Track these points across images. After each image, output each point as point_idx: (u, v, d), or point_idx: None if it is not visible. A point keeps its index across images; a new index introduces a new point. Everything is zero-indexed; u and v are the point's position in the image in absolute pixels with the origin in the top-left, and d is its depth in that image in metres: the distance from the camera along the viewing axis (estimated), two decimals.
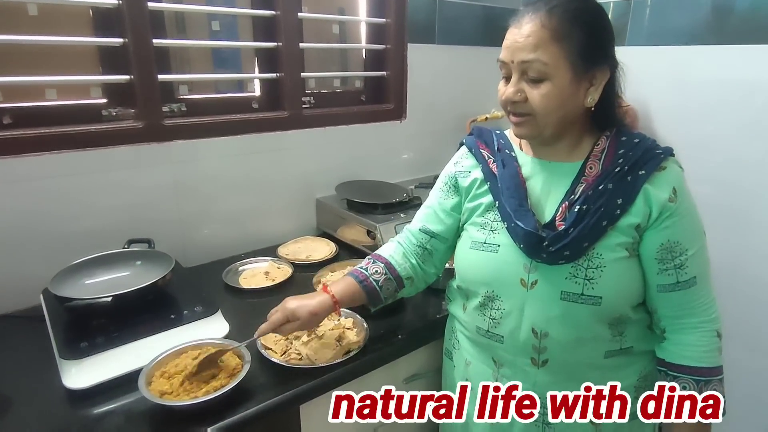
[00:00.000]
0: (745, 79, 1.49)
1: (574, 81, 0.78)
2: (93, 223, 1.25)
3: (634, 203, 0.80)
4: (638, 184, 0.80)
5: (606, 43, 0.81)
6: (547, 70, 0.77)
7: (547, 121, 0.81)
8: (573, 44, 0.76)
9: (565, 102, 0.80)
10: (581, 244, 0.80)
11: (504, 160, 0.91)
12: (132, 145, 1.27)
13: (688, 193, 0.82)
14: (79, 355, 0.91)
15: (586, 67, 0.78)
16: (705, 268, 0.84)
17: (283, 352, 1.00)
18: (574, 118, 0.83)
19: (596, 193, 0.81)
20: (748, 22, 1.47)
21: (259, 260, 1.44)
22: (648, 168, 0.80)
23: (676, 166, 0.83)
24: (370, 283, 0.99)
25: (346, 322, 1.08)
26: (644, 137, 0.85)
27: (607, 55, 0.80)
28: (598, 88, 0.81)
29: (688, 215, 0.81)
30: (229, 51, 1.61)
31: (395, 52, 1.75)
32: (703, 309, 0.83)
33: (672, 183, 0.80)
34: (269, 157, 1.54)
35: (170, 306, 1.07)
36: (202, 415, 0.83)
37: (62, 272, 1.07)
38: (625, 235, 0.81)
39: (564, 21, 0.76)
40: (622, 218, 0.80)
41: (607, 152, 0.84)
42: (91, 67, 1.30)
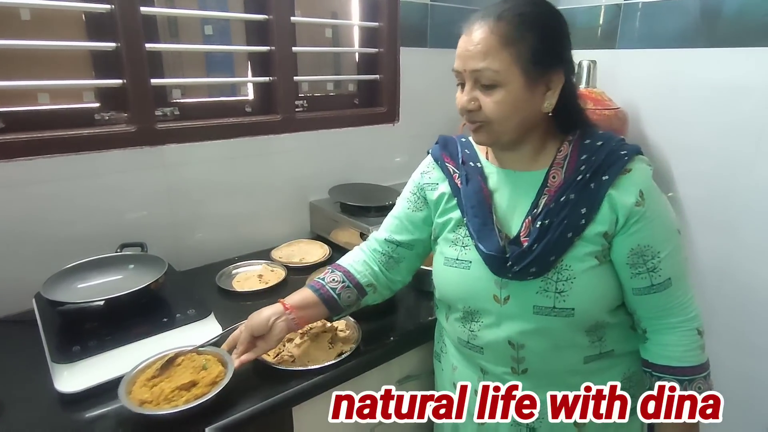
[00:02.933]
0: (734, 82, 1.51)
1: (527, 86, 0.77)
2: (85, 227, 1.25)
3: (599, 211, 0.78)
4: (602, 191, 0.78)
5: (559, 46, 0.79)
6: (499, 77, 0.76)
7: (504, 127, 0.80)
8: (523, 49, 0.75)
9: (519, 108, 0.78)
10: (547, 259, 0.79)
11: (468, 174, 0.90)
12: (125, 149, 1.27)
13: (657, 193, 0.80)
14: (72, 358, 0.91)
15: (539, 71, 0.77)
16: (680, 268, 0.82)
17: (275, 355, 1.00)
18: (533, 124, 0.82)
19: (558, 205, 0.79)
20: (735, 26, 1.49)
21: (253, 263, 1.45)
22: (611, 173, 0.78)
23: (643, 165, 0.81)
24: (327, 291, 0.96)
25: (339, 324, 1.09)
26: (609, 138, 0.83)
27: (561, 58, 0.79)
28: (555, 92, 0.79)
29: (657, 217, 0.79)
30: (222, 55, 1.62)
31: (388, 56, 1.76)
32: (681, 309, 0.82)
33: (638, 185, 0.78)
34: (262, 160, 1.54)
35: (163, 309, 1.07)
36: (185, 423, 0.82)
37: (54, 276, 1.07)
38: (593, 244, 0.79)
39: (513, 26, 0.75)
40: (588, 228, 0.79)
41: (569, 159, 0.82)
42: (84, 72, 1.31)
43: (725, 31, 1.51)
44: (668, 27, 1.63)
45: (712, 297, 1.62)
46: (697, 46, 1.57)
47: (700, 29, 1.56)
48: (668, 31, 1.63)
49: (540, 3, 0.79)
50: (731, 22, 1.50)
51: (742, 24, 1.47)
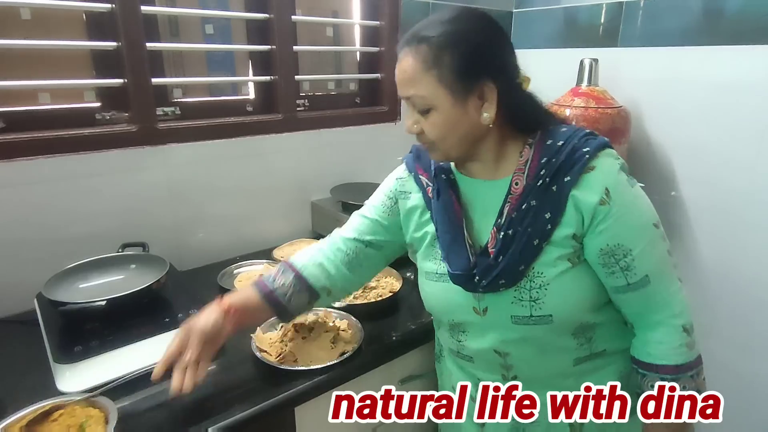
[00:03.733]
0: (736, 80, 1.50)
1: (457, 104, 0.76)
2: (87, 227, 1.25)
3: (565, 213, 0.76)
4: (565, 192, 0.76)
5: (481, 57, 0.76)
6: (427, 102, 0.76)
7: (446, 146, 0.80)
8: (445, 69, 0.74)
9: (455, 126, 0.77)
10: (516, 269, 0.78)
11: (439, 187, 0.88)
12: (126, 148, 1.27)
13: (624, 188, 0.77)
14: (74, 358, 0.91)
15: (465, 87, 0.75)
16: (659, 264, 0.78)
17: (277, 355, 1.00)
18: (479, 136, 0.80)
19: (520, 213, 0.78)
20: (738, 24, 1.48)
21: (255, 263, 1.44)
22: (573, 173, 0.76)
23: (608, 160, 0.77)
24: (275, 297, 0.92)
25: (341, 324, 1.09)
26: (571, 135, 0.79)
27: (486, 68, 0.76)
28: (491, 104, 0.76)
29: (626, 213, 0.76)
30: (223, 54, 1.62)
31: (389, 55, 1.76)
32: (663, 305, 0.79)
33: (603, 183, 0.75)
34: (264, 160, 1.54)
35: (165, 309, 1.07)
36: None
37: (56, 276, 1.07)
38: (563, 247, 0.78)
39: (431, 49, 0.74)
40: (555, 232, 0.77)
41: (531, 163, 0.79)
42: (85, 71, 1.31)
43: (728, 29, 1.51)
44: (670, 25, 1.63)
45: (713, 296, 1.61)
46: (699, 44, 1.57)
47: (702, 27, 1.56)
48: (670, 29, 1.63)
49: (461, 17, 0.78)
50: (734, 20, 1.49)
51: (744, 22, 1.47)
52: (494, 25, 0.79)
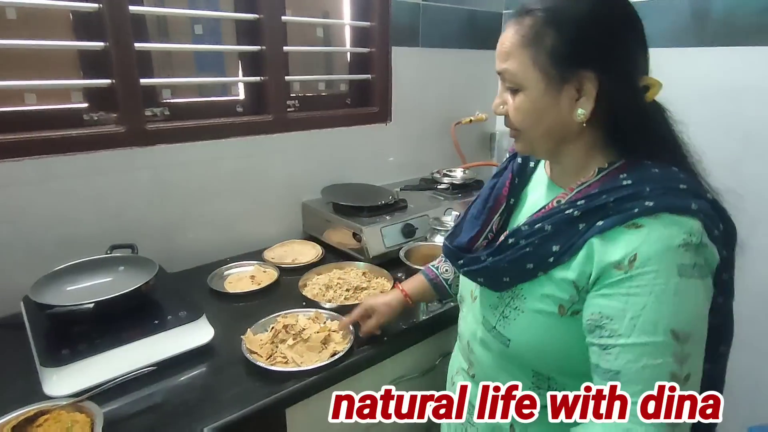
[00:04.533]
0: (723, 81, 1.52)
1: (549, 91, 0.67)
2: (75, 228, 1.24)
3: (575, 256, 0.66)
4: (586, 236, 0.65)
5: (588, 44, 0.65)
6: (518, 80, 0.68)
7: (532, 136, 0.72)
8: (542, 49, 0.66)
9: (542, 115, 0.69)
10: (499, 277, 0.73)
11: (507, 168, 0.85)
12: (114, 149, 1.26)
13: (668, 269, 0.60)
14: (61, 362, 0.90)
15: (562, 74, 0.66)
16: (644, 375, 0.61)
17: (268, 356, 1.00)
18: (567, 135, 0.70)
19: (530, 229, 0.70)
20: (724, 26, 1.50)
21: (245, 264, 1.44)
22: (609, 221, 0.63)
23: (671, 230, 0.61)
24: (440, 281, 1.05)
25: (332, 325, 1.08)
26: (653, 178, 0.65)
27: (591, 57, 0.65)
28: (588, 100, 0.66)
29: (644, 295, 0.60)
30: (213, 55, 1.61)
31: (380, 55, 1.76)
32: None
33: (637, 247, 0.61)
34: (254, 160, 1.53)
35: (154, 312, 1.06)
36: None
37: (43, 279, 1.05)
38: (559, 288, 0.68)
39: (537, 23, 0.66)
40: (556, 268, 0.68)
41: (585, 188, 0.70)
42: (72, 71, 1.29)
43: (714, 30, 1.53)
44: (658, 26, 1.64)
45: None
46: (686, 46, 1.59)
47: (690, 29, 1.58)
48: (658, 31, 1.64)
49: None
50: (720, 22, 1.51)
51: (730, 24, 1.49)
52: (621, 10, 0.67)
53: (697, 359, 0.63)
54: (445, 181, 1.84)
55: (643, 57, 0.69)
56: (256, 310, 1.17)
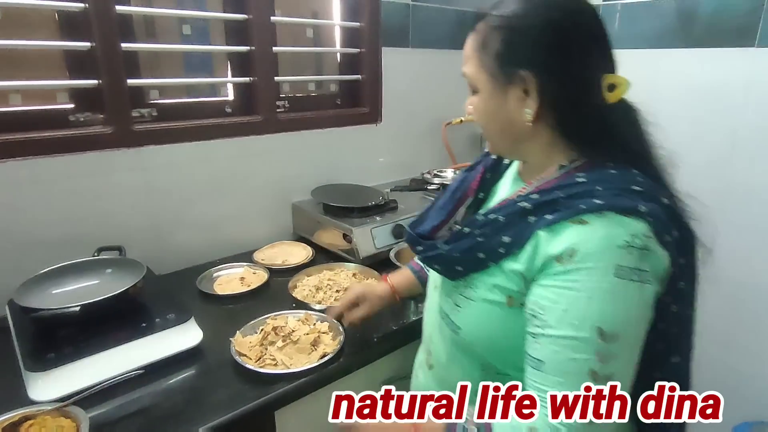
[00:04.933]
0: (709, 82, 1.54)
1: (496, 92, 0.70)
2: (61, 231, 1.22)
3: (523, 248, 0.67)
4: (535, 227, 0.66)
5: (527, 46, 0.68)
6: (473, 82, 0.73)
7: (490, 136, 0.76)
8: (489, 51, 0.70)
9: (494, 116, 0.72)
10: (452, 266, 0.75)
11: (479, 164, 0.88)
12: (101, 150, 1.25)
13: (604, 268, 0.60)
14: (46, 366, 0.89)
15: (506, 75, 0.69)
16: (565, 368, 0.62)
17: (257, 358, 0.99)
18: (521, 134, 0.72)
19: (485, 220, 0.71)
20: (710, 27, 1.52)
21: (235, 266, 1.43)
22: (558, 215, 0.64)
23: (616, 230, 0.61)
24: (425, 274, 1.04)
25: (322, 327, 1.08)
26: (607, 179, 0.66)
27: (529, 57, 0.67)
28: (533, 99, 0.68)
29: (577, 291, 0.61)
30: (201, 55, 1.60)
31: (370, 56, 1.76)
32: (543, 397, 0.64)
33: (578, 243, 0.61)
34: (244, 161, 1.52)
35: (142, 314, 1.05)
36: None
37: (28, 282, 1.04)
38: (508, 279, 0.68)
39: (486, 28, 0.70)
40: (506, 259, 0.69)
41: (543, 184, 0.72)
42: (58, 72, 1.28)
43: (700, 32, 1.54)
44: (646, 28, 1.66)
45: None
46: (673, 47, 1.60)
47: (677, 30, 1.59)
48: (646, 32, 1.66)
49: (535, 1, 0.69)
50: (706, 23, 1.53)
51: (716, 25, 1.51)
52: (567, 12, 0.68)
53: (625, 362, 0.63)
54: (435, 182, 1.84)
55: (600, 57, 0.70)
56: (245, 312, 1.16)
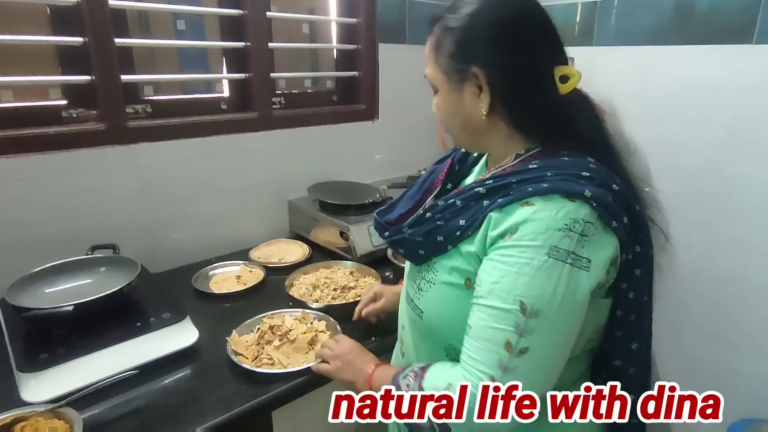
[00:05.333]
0: (706, 78, 1.53)
1: (452, 89, 0.74)
2: (54, 228, 1.20)
3: (478, 231, 0.69)
4: (488, 210, 0.68)
5: (475, 42, 0.70)
6: (433, 82, 0.76)
7: (452, 132, 0.79)
8: (442, 51, 0.73)
9: (453, 113, 0.75)
10: (416, 250, 0.76)
11: (449, 156, 0.90)
12: (95, 147, 1.23)
13: (536, 247, 0.62)
14: (39, 367, 0.87)
15: (458, 72, 0.72)
16: (486, 335, 0.64)
17: (254, 358, 0.98)
18: (480, 128, 0.74)
19: (445, 205, 0.73)
20: (708, 24, 1.51)
21: (231, 264, 1.42)
22: (509, 198, 0.66)
23: (556, 213, 0.62)
24: None
25: (319, 326, 1.07)
26: (556, 166, 0.68)
27: (477, 54, 0.70)
28: (485, 94, 0.70)
29: (509, 267, 0.63)
30: (196, 51, 1.58)
31: (366, 52, 1.74)
32: (465, 360, 0.67)
33: (521, 222, 0.63)
34: (239, 158, 1.51)
35: (136, 313, 1.04)
36: None
37: (20, 281, 1.02)
38: (466, 261, 0.70)
39: (439, 29, 0.74)
40: (463, 242, 0.71)
41: (500, 171, 0.73)
42: (50, 67, 1.26)
43: (698, 28, 1.54)
44: (643, 24, 1.65)
45: (686, 291, 1.64)
46: (671, 44, 1.60)
47: (674, 27, 1.59)
48: (643, 28, 1.65)
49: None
50: (703, 20, 1.52)
51: (713, 22, 1.50)
52: (512, 9, 0.70)
53: (543, 339, 0.63)
54: None
55: (549, 50, 0.72)
56: (242, 310, 1.15)
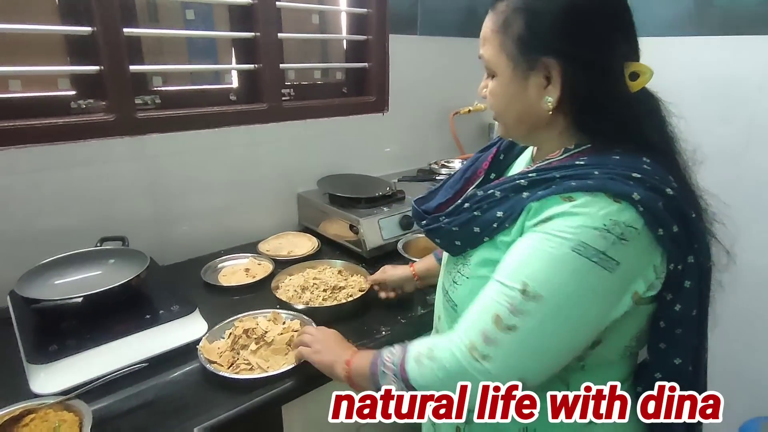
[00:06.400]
0: (725, 70, 1.50)
1: (516, 77, 0.68)
2: (63, 220, 1.20)
3: (515, 222, 0.66)
4: (528, 201, 0.65)
5: (553, 32, 0.65)
6: (491, 66, 0.70)
7: (506, 122, 0.74)
8: (510, 35, 0.67)
9: (511, 101, 0.70)
10: (452, 241, 0.74)
11: (493, 145, 0.87)
12: (103, 138, 1.22)
13: (566, 242, 0.59)
14: (48, 359, 0.87)
15: (528, 60, 0.66)
16: (481, 299, 0.65)
17: (230, 364, 0.93)
18: (539, 122, 0.70)
19: (483, 195, 0.71)
20: (727, 14, 1.48)
21: (239, 257, 1.41)
22: (550, 190, 0.63)
23: (601, 209, 0.59)
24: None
25: (293, 325, 1.03)
26: (605, 164, 0.64)
27: (554, 43, 0.65)
28: (555, 87, 0.66)
29: (528, 249, 0.62)
30: (205, 41, 1.57)
31: (377, 44, 1.72)
32: (458, 327, 0.66)
33: (558, 214, 0.61)
34: (248, 150, 1.49)
35: (145, 306, 1.04)
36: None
37: (30, 272, 1.02)
38: (501, 254, 0.67)
39: (507, 9, 0.67)
40: (499, 234, 0.69)
41: (546, 165, 0.70)
42: (59, 57, 1.25)
43: (716, 19, 1.50)
44: (659, 14, 1.61)
45: None
46: (688, 35, 1.56)
47: (692, 17, 1.55)
48: (660, 19, 1.62)
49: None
50: (722, 10, 1.48)
51: (733, 12, 1.46)
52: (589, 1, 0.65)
53: (536, 324, 0.61)
54: (443, 172, 1.82)
55: (625, 44, 0.67)
56: (250, 303, 1.14)
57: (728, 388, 0.77)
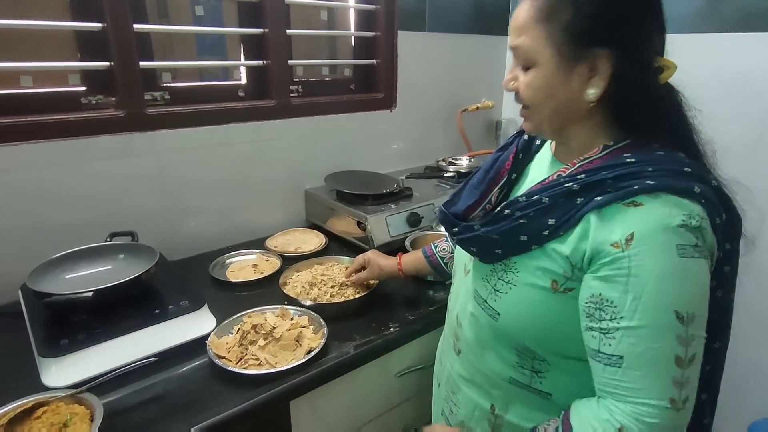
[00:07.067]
0: (739, 67, 1.48)
1: (561, 68, 0.65)
2: (73, 215, 1.21)
3: (571, 231, 0.64)
4: (584, 210, 0.63)
5: (606, 21, 0.63)
6: (531, 56, 0.66)
7: (540, 115, 0.70)
8: (556, 25, 0.63)
9: (553, 92, 0.67)
10: (491, 249, 0.72)
11: (512, 143, 0.84)
12: (113, 134, 1.23)
13: (665, 250, 0.58)
14: (59, 352, 0.88)
15: (576, 51, 0.64)
16: (647, 356, 0.59)
17: (238, 360, 0.93)
18: (575, 116, 0.69)
19: (528, 201, 0.68)
20: (739, 11, 1.46)
21: (247, 253, 1.41)
22: (609, 196, 0.62)
23: (668, 210, 0.59)
24: (435, 259, 1.08)
25: (301, 320, 1.03)
26: (654, 160, 0.63)
27: (608, 35, 0.63)
28: (601, 79, 0.64)
29: (643, 276, 0.58)
30: (214, 37, 1.57)
31: (385, 40, 1.71)
32: (624, 395, 0.60)
33: (634, 226, 0.59)
34: (256, 147, 1.50)
35: (155, 301, 1.04)
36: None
37: (41, 267, 1.03)
38: (553, 262, 0.66)
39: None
40: (551, 242, 0.66)
41: (587, 164, 0.68)
42: (69, 53, 1.25)
43: (729, 16, 1.49)
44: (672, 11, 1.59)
45: None
46: (701, 31, 1.55)
47: (705, 14, 1.53)
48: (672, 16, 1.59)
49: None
50: (735, 7, 1.47)
51: (747, 9, 1.45)
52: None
53: (701, 342, 0.61)
54: (450, 170, 1.81)
55: (659, 38, 0.67)
56: (258, 299, 1.15)
57: (738, 388, 0.76)
